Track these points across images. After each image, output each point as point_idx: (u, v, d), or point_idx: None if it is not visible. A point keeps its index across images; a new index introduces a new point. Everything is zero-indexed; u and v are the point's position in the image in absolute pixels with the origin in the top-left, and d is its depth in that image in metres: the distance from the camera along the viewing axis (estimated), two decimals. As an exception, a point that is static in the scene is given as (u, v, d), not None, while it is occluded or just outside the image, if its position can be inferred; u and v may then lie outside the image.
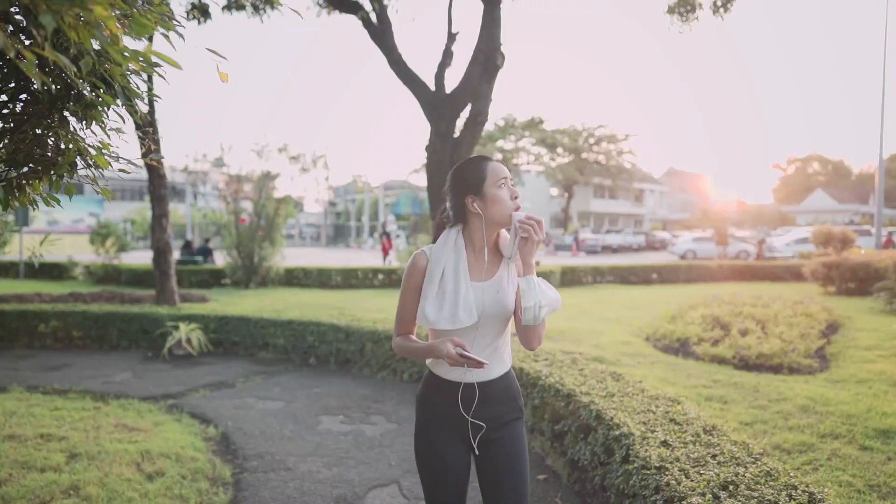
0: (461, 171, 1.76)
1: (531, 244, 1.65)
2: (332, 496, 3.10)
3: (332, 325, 6.34)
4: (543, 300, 1.63)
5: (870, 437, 3.68)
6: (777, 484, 2.13)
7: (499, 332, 1.78)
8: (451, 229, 1.78)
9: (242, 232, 13.99)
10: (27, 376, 5.53)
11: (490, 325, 1.75)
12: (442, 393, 1.79)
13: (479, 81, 5.72)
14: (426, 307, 1.71)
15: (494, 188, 1.70)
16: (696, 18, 7.93)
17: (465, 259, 1.74)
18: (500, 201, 1.70)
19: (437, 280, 1.72)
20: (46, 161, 1.58)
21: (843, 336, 7.18)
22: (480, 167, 1.73)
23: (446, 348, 1.61)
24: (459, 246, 1.75)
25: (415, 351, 1.76)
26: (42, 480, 2.97)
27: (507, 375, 1.84)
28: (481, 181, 1.71)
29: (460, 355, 1.60)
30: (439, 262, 1.74)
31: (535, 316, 1.63)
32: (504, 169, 1.73)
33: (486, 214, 1.71)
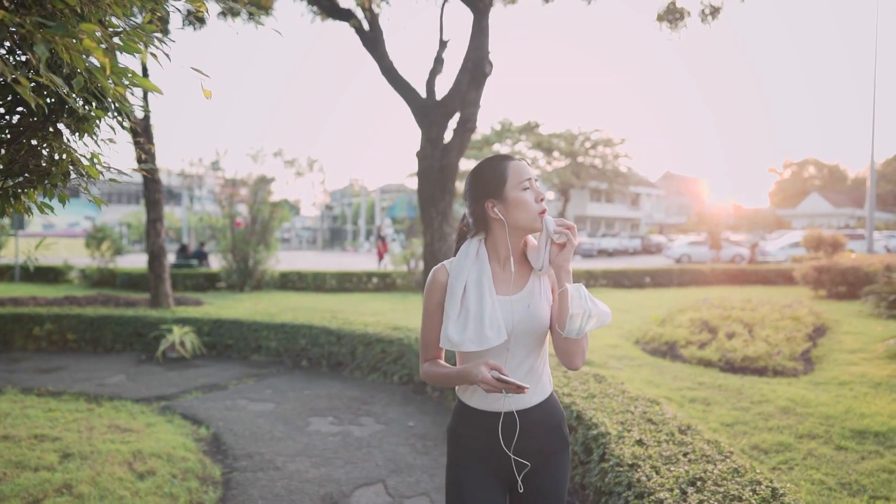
0: (479, 173, 1.58)
1: (568, 250, 1.49)
2: (319, 494, 3.18)
3: (323, 328, 6.42)
4: (594, 310, 1.45)
5: (846, 438, 3.78)
6: (743, 480, 2.22)
7: (534, 352, 1.58)
8: (471, 239, 1.61)
9: (238, 235, 14.06)
10: (22, 378, 5.60)
11: (522, 343, 1.55)
12: (475, 425, 1.60)
13: (467, 89, 5.83)
14: (448, 328, 1.53)
15: (517, 190, 1.52)
16: (684, 26, 8.06)
17: (488, 271, 1.57)
18: (525, 205, 1.52)
19: (459, 297, 1.55)
20: (41, 171, 1.67)
21: (830, 339, 7.29)
22: (500, 167, 1.55)
23: (480, 373, 1.42)
24: (482, 257, 1.59)
25: (444, 377, 1.58)
26: (35, 479, 3.05)
27: (549, 401, 1.64)
28: (502, 183, 1.53)
29: (497, 380, 1.40)
30: (460, 276, 1.57)
31: (580, 327, 1.45)
32: (527, 168, 1.56)
33: (508, 220, 1.54)
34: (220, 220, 15.21)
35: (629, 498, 2.31)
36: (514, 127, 42.73)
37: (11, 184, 1.65)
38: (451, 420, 1.69)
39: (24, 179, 1.66)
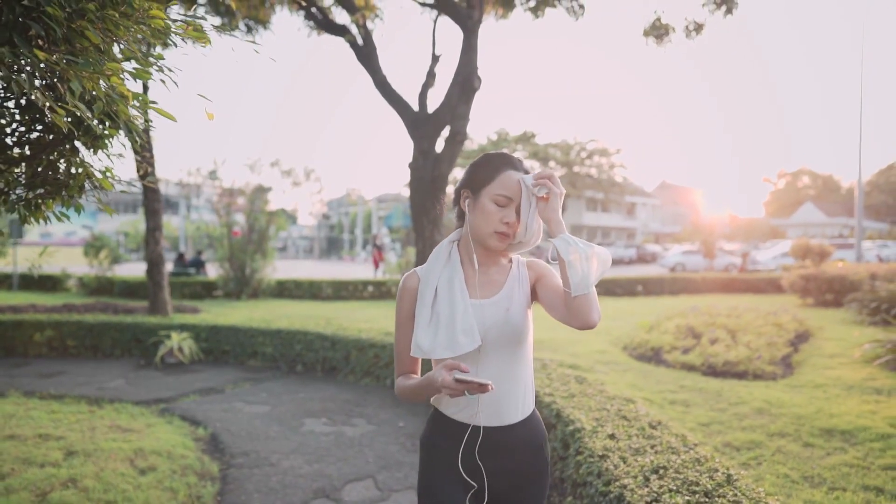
0: (478, 162, 1.53)
1: (554, 200, 1.40)
2: (312, 489, 3.35)
3: (318, 334, 6.59)
4: (588, 251, 1.35)
5: (814, 436, 3.97)
6: (702, 468, 2.41)
7: (511, 359, 1.49)
8: (443, 242, 1.58)
9: (235, 244, 14.24)
10: (24, 383, 5.75)
11: (498, 350, 1.47)
12: (449, 437, 1.51)
13: (457, 102, 6.06)
14: (419, 334, 1.46)
15: (489, 198, 1.46)
16: (669, 41, 8.31)
17: (460, 274, 1.51)
18: (486, 216, 1.46)
19: (430, 302, 1.48)
20: (59, 183, 1.86)
21: (811, 345, 7.49)
22: (495, 168, 1.49)
23: (440, 375, 1.31)
24: (454, 260, 1.54)
25: (412, 390, 1.47)
26: (42, 474, 3.21)
27: (532, 419, 1.55)
28: (484, 182, 1.48)
29: (457, 380, 1.29)
30: (430, 280, 1.50)
31: (583, 274, 1.34)
32: (518, 187, 1.46)
33: (469, 220, 1.51)
34: (217, 228, 15.39)
35: (598, 486, 2.49)
36: (511, 137, 43.15)
37: (33, 195, 1.84)
38: (426, 428, 1.60)
39: (44, 191, 1.85)
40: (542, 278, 1.55)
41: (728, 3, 8.15)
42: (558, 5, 8.23)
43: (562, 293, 1.44)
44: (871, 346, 6.53)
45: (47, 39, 1.26)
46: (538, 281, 1.55)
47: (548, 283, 1.53)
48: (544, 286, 1.53)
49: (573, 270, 1.34)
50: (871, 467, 3.39)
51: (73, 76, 1.22)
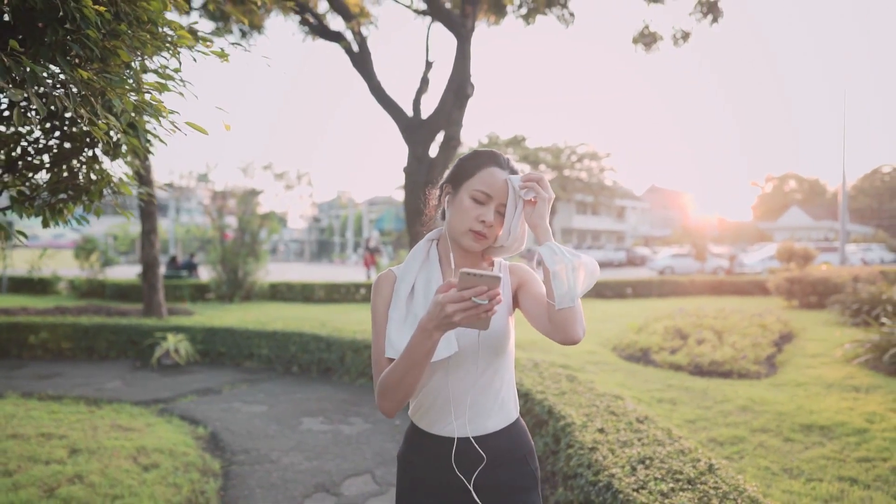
0: (460, 159, 1.46)
1: (542, 206, 1.31)
2: (312, 483, 3.46)
3: (314, 336, 6.69)
4: (575, 261, 1.26)
5: (794, 431, 4.13)
6: (686, 458, 2.55)
7: (490, 367, 1.40)
8: (421, 241, 1.50)
9: (227, 247, 14.28)
10: (21, 384, 5.80)
11: (475, 359, 1.38)
12: (427, 452, 1.42)
13: (451, 108, 6.20)
14: (392, 332, 1.36)
15: (468, 194, 1.37)
16: (657, 49, 8.51)
17: (438, 274, 1.43)
18: (461, 213, 1.37)
19: (405, 299, 1.39)
20: (80, 189, 1.96)
21: (795, 345, 7.68)
22: (476, 163, 1.40)
23: (436, 305, 1.13)
24: (433, 258, 1.45)
25: (398, 368, 1.26)
26: (48, 471, 3.29)
27: (514, 428, 1.46)
28: (465, 177, 1.39)
29: (461, 292, 1.10)
30: (406, 278, 1.42)
31: (569, 286, 1.25)
32: (501, 187, 1.36)
33: (448, 216, 1.42)
34: (208, 231, 15.43)
35: (588, 476, 2.63)
36: (501, 140, 43.39)
37: (55, 200, 1.94)
38: (402, 445, 1.50)
39: (66, 196, 1.95)
40: (524, 285, 1.46)
41: (714, 13, 8.37)
42: (549, 13, 8.41)
43: (545, 304, 1.33)
44: (851, 345, 6.72)
45: (83, 58, 1.37)
46: (520, 287, 1.47)
47: (531, 290, 1.44)
48: (527, 294, 1.44)
49: (558, 282, 1.25)
50: (847, 459, 3.55)
51: (110, 92, 1.33)
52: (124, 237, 37.36)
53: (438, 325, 1.13)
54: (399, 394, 1.27)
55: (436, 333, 1.16)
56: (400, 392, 1.27)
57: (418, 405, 1.44)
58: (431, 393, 1.41)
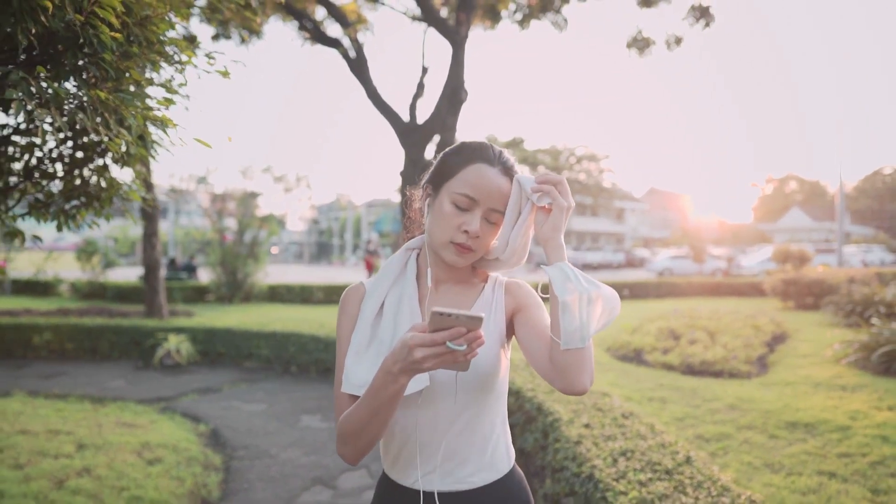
0: (444, 153, 1.22)
1: (557, 216, 1.07)
2: (310, 477, 3.58)
3: (312, 336, 6.82)
4: (592, 291, 1.02)
5: (779, 428, 4.25)
6: (665, 451, 2.67)
7: (473, 405, 1.14)
8: (401, 250, 1.26)
9: (227, 249, 14.42)
10: (27, 383, 5.93)
11: (454, 398, 1.12)
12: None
13: (446, 114, 6.34)
14: (351, 362, 1.12)
15: (448, 197, 1.13)
16: (650, 53, 8.65)
17: (413, 291, 1.18)
18: (441, 219, 1.12)
19: (371, 320, 1.16)
20: (91, 196, 2.09)
21: (787, 346, 7.80)
22: (461, 159, 1.15)
23: (406, 339, 0.92)
24: (409, 273, 1.21)
25: (356, 416, 1.04)
26: (57, 465, 3.42)
27: (506, 484, 1.19)
28: (447, 176, 1.15)
29: (433, 334, 0.89)
30: (374, 294, 1.18)
31: (581, 322, 1.00)
32: (490, 189, 1.12)
33: (427, 224, 1.18)
34: (207, 233, 15.57)
35: (573, 468, 2.75)
36: (500, 142, 43.64)
37: (69, 206, 2.07)
38: (373, 498, 1.27)
39: (79, 203, 2.08)
40: (523, 310, 1.19)
41: (706, 18, 8.51)
42: (543, 18, 8.55)
43: (547, 338, 1.09)
44: (841, 346, 6.85)
45: (98, 78, 1.50)
46: (518, 313, 1.19)
47: (530, 318, 1.17)
48: (525, 322, 1.17)
49: (568, 315, 1.00)
50: (828, 455, 3.67)
51: (124, 110, 1.46)
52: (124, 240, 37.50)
53: (404, 369, 0.93)
54: (361, 441, 1.05)
55: (402, 377, 0.95)
56: (362, 439, 1.05)
57: (385, 449, 1.20)
58: (400, 434, 1.15)
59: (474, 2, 6.72)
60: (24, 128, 1.92)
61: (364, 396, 1.02)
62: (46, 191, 2.02)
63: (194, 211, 44.13)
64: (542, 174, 1.10)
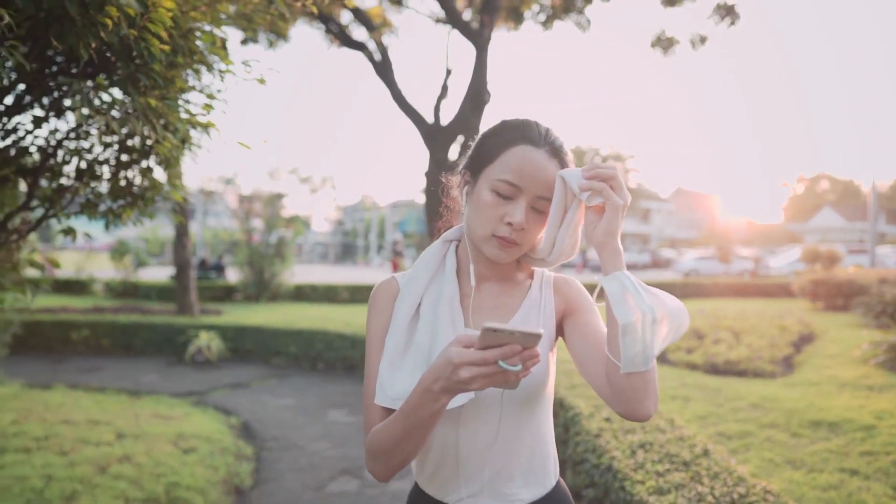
0: (482, 135, 1.08)
1: (613, 215, 0.94)
2: (338, 468, 3.71)
3: (338, 334, 6.97)
4: (658, 307, 0.90)
5: (803, 427, 4.24)
6: (684, 444, 2.73)
7: (521, 417, 1.04)
8: (437, 242, 1.13)
9: (254, 249, 14.73)
10: (67, 377, 6.19)
11: (499, 410, 1.02)
12: None
13: (469, 115, 6.44)
14: (384, 370, 1.01)
15: (488, 184, 1.00)
16: (674, 53, 8.63)
17: (454, 290, 1.06)
18: (481, 210, 1.01)
19: (406, 324, 1.04)
20: (136, 196, 2.24)
21: (815, 346, 7.71)
22: (501, 141, 1.02)
23: (449, 355, 0.81)
24: (449, 268, 1.09)
25: (390, 432, 0.94)
26: (98, 452, 3.60)
27: (554, 496, 1.10)
28: (486, 161, 1.02)
29: (483, 354, 0.78)
30: (410, 293, 1.07)
31: (645, 345, 0.89)
32: (536, 173, 0.98)
33: (466, 215, 1.06)
34: (235, 234, 15.92)
35: (593, 460, 2.82)
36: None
37: (115, 206, 2.22)
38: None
39: (124, 202, 2.23)
40: (575, 313, 1.08)
41: (731, 16, 8.45)
42: (566, 19, 8.58)
43: (603, 351, 0.98)
44: (869, 346, 6.75)
45: (148, 86, 1.63)
46: (569, 315, 1.09)
47: (583, 323, 1.06)
48: (577, 327, 1.06)
49: (630, 338, 0.89)
50: (851, 453, 3.67)
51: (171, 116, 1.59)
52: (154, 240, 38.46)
53: (447, 388, 0.82)
54: (394, 460, 0.95)
55: (443, 397, 0.84)
56: (395, 458, 0.95)
57: (420, 462, 1.09)
58: (439, 449, 1.05)
59: (498, 4, 6.80)
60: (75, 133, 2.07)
61: (399, 413, 0.91)
62: (96, 191, 2.17)
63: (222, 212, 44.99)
64: (591, 167, 0.94)
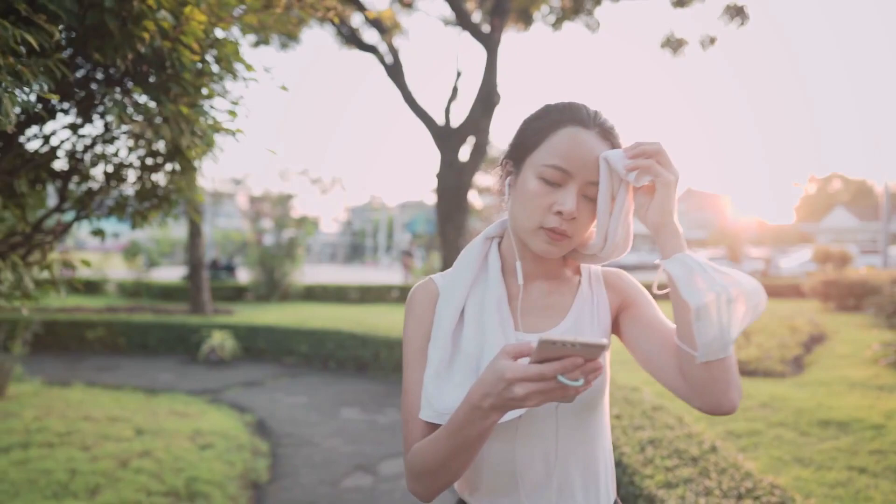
0: (525, 120, 0.99)
1: (664, 193, 0.88)
2: (352, 464, 3.79)
3: (350, 334, 7.06)
4: (731, 286, 0.82)
5: (812, 426, 4.27)
6: (692, 440, 2.78)
7: (578, 429, 0.96)
8: (476, 239, 1.04)
9: (265, 249, 14.88)
10: (84, 375, 6.32)
11: (556, 420, 0.94)
12: None
13: (480, 117, 6.51)
14: (429, 383, 0.92)
15: (534, 171, 0.92)
16: (683, 53, 8.65)
17: (501, 290, 0.97)
18: (526, 201, 0.92)
19: (450, 331, 0.95)
20: (160, 198, 2.32)
21: (825, 347, 7.71)
22: (546, 125, 0.94)
23: (500, 369, 0.73)
24: (493, 267, 0.99)
25: (435, 451, 0.86)
26: (119, 447, 3.70)
27: None
28: (530, 147, 0.94)
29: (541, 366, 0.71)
30: (453, 297, 0.97)
31: (721, 328, 0.81)
32: (588, 157, 0.90)
33: (509, 207, 0.97)
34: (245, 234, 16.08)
35: (603, 457, 2.88)
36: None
37: (142, 207, 2.30)
38: None
39: (150, 204, 2.31)
40: (631, 308, 1.01)
41: (741, 17, 8.47)
42: (576, 20, 8.63)
43: (671, 344, 0.91)
44: (880, 346, 6.75)
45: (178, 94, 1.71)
46: (624, 310, 1.01)
47: (642, 317, 0.98)
48: (636, 322, 0.99)
49: (705, 322, 0.81)
50: (859, 452, 3.70)
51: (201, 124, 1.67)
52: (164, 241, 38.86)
53: (498, 405, 0.75)
54: (439, 481, 0.88)
55: (494, 414, 0.77)
56: (440, 479, 0.87)
57: (473, 480, 0.99)
58: (496, 465, 0.96)
59: (508, 6, 6.86)
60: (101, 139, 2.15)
61: (444, 431, 0.83)
62: (124, 194, 2.25)
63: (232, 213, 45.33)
64: (634, 145, 0.89)
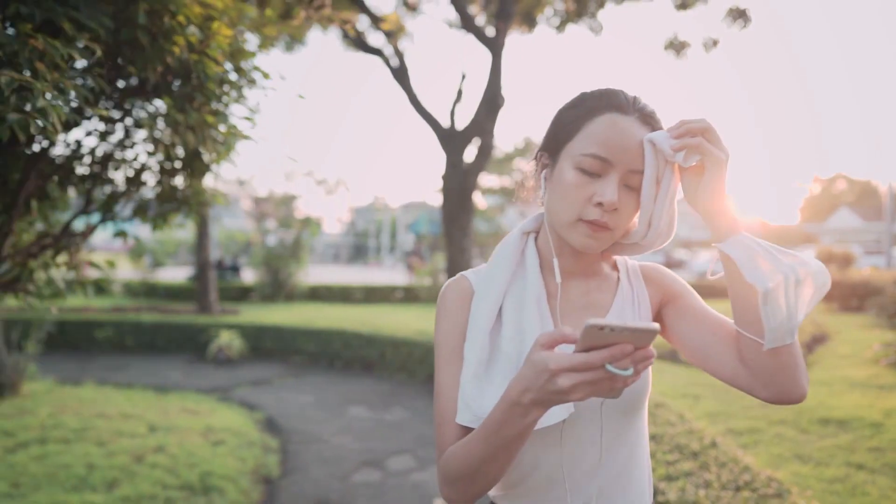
0: (561, 108, 0.94)
1: (714, 171, 0.83)
2: (360, 460, 3.87)
3: (356, 334, 7.15)
4: (798, 267, 0.79)
5: (812, 424, 4.34)
6: (693, 436, 2.86)
7: (622, 432, 0.92)
8: (511, 233, 0.99)
9: (270, 250, 14.98)
10: (95, 374, 6.41)
11: (600, 418, 0.90)
12: None
13: (484, 119, 6.60)
14: (466, 384, 0.87)
15: (572, 161, 0.87)
16: (685, 55, 8.72)
17: (540, 287, 0.93)
18: (564, 193, 0.87)
19: (487, 330, 0.90)
20: (180, 201, 2.41)
21: (827, 347, 7.77)
22: (581, 114, 0.89)
23: (541, 361, 0.68)
24: (530, 263, 0.95)
25: (472, 454, 0.80)
26: (133, 443, 3.79)
27: None
28: (566, 137, 0.89)
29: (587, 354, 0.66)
30: (489, 294, 0.92)
31: (789, 311, 0.78)
32: (629, 144, 0.85)
33: (546, 200, 0.92)
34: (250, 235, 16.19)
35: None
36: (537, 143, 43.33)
37: (162, 210, 2.40)
38: None
39: (169, 206, 2.41)
40: (675, 301, 0.97)
41: (743, 19, 8.54)
42: (579, 22, 8.71)
43: (725, 334, 0.89)
44: (881, 347, 6.81)
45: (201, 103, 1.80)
46: (668, 304, 0.97)
47: (688, 309, 0.94)
48: (683, 315, 0.95)
49: (772, 306, 0.78)
50: (858, 449, 3.77)
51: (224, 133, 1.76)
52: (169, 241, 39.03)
53: (540, 400, 0.70)
54: (476, 486, 0.82)
55: (535, 410, 0.72)
56: (477, 484, 0.82)
57: (514, 485, 0.94)
58: (542, 471, 0.92)
59: (512, 10, 6.94)
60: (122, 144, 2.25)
61: (480, 432, 0.78)
62: (144, 197, 2.35)
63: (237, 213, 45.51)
64: (679, 123, 0.83)
